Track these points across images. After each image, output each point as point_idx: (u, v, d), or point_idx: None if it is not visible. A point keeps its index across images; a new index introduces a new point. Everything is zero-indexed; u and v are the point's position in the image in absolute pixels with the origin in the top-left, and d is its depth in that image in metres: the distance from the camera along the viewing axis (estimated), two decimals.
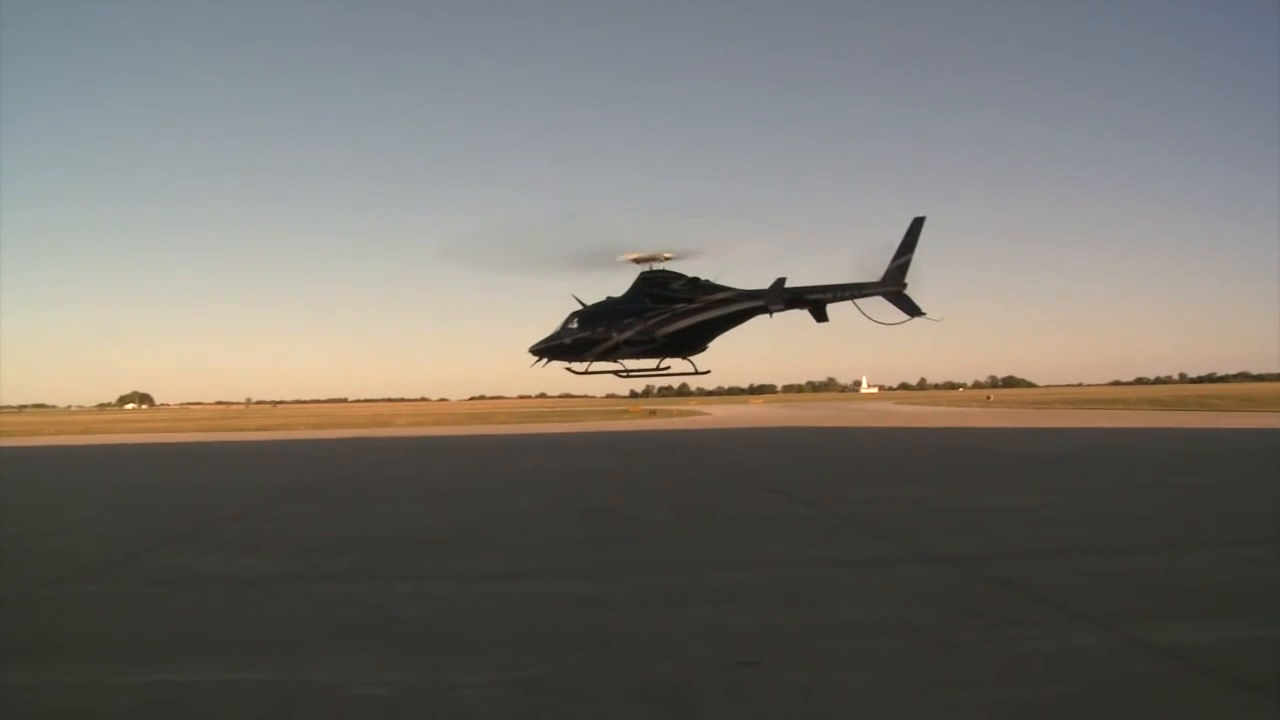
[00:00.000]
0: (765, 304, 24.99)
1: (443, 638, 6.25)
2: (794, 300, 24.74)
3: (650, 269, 25.95)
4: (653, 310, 25.60)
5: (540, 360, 27.03)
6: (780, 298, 24.70)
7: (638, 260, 25.84)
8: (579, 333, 26.21)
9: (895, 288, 23.68)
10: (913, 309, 23.68)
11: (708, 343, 26.28)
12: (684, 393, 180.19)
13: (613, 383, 27.74)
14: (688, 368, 27.26)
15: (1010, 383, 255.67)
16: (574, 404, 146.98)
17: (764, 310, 25.16)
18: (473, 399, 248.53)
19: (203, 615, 7.03)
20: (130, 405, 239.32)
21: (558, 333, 26.65)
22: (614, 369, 26.99)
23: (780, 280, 24.71)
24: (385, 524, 12.16)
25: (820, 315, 24.82)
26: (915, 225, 23.70)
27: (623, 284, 26.52)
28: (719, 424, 50.23)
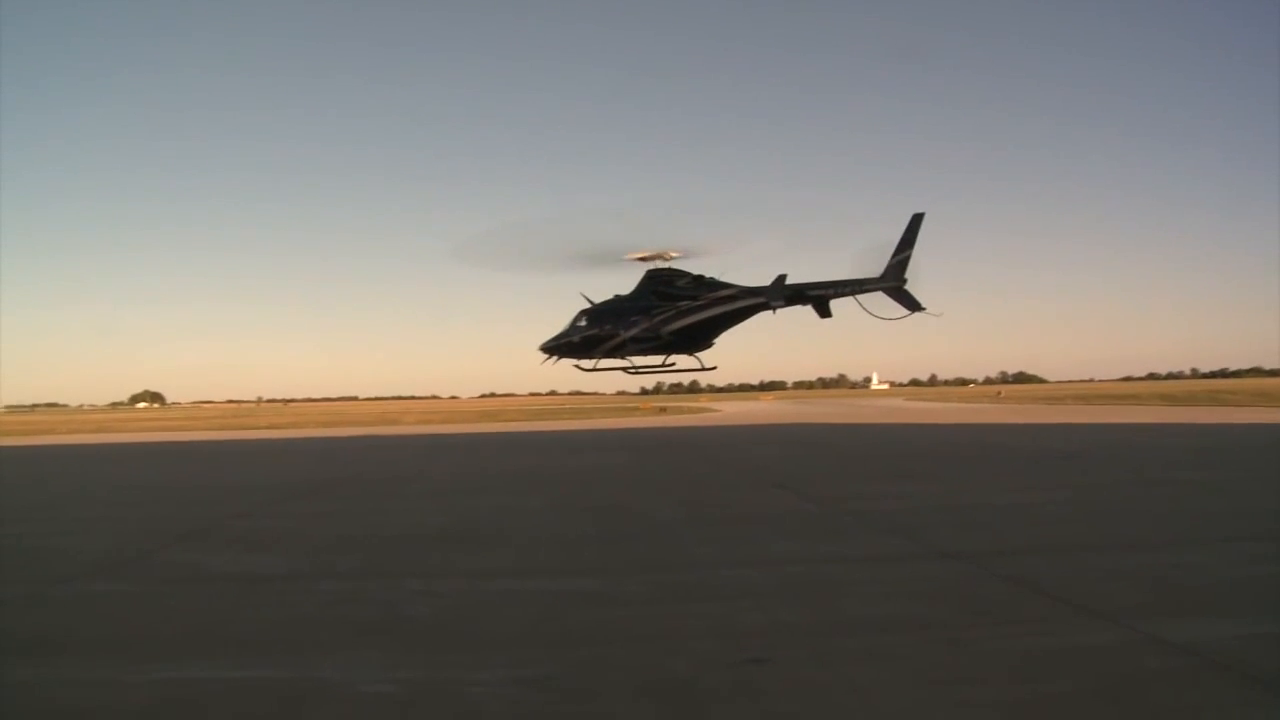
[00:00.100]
0: (767, 300, 25.05)
1: (452, 635, 6.26)
2: (795, 297, 24.82)
3: (656, 267, 26.05)
4: (659, 308, 25.68)
5: (550, 358, 27.19)
6: (781, 294, 24.76)
7: (643, 259, 25.95)
8: (587, 330, 26.33)
9: (895, 283, 23.70)
10: (913, 304, 23.71)
11: (713, 339, 26.37)
12: (694, 390, 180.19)
13: (623, 380, 27.89)
14: (695, 364, 27.38)
15: (1021, 378, 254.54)
16: (584, 401, 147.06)
17: (766, 307, 25.22)
18: (483, 396, 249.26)
19: (213, 613, 7.06)
20: (142, 404, 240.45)
21: (566, 331, 26.78)
22: (622, 366, 27.10)
23: (781, 277, 24.76)
24: (394, 521, 12.19)
25: (823, 311, 24.87)
26: (915, 221, 23.71)
27: (630, 282, 26.64)
28: (729, 421, 50.17)
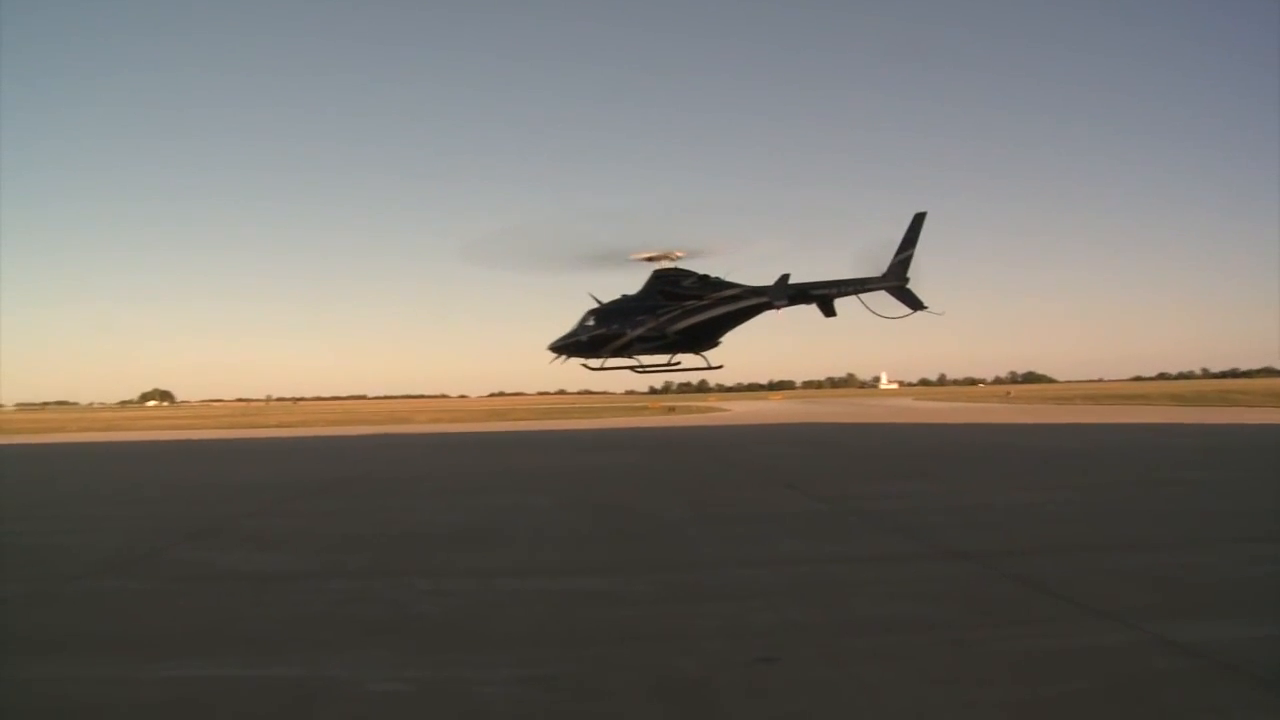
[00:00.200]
0: (770, 300, 25.11)
1: (461, 634, 6.28)
2: (799, 296, 24.90)
3: (663, 267, 26.14)
4: (665, 307, 25.78)
5: (558, 357, 27.30)
6: (785, 293, 24.86)
7: (650, 259, 26.05)
8: (595, 330, 26.43)
9: (898, 282, 23.77)
10: (915, 303, 23.79)
11: (718, 338, 26.46)
12: (703, 389, 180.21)
13: (631, 379, 28.07)
14: (701, 363, 27.46)
15: (1030, 378, 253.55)
16: (593, 400, 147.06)
17: (770, 306, 25.28)
18: (492, 396, 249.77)
19: (222, 611, 7.10)
20: (151, 402, 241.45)
21: (575, 330, 26.89)
22: (629, 365, 27.17)
23: (784, 276, 24.84)
24: (404, 520, 12.22)
25: (828, 310, 24.94)
26: (917, 220, 23.77)
27: (637, 282, 26.75)
28: (737, 420, 50.13)
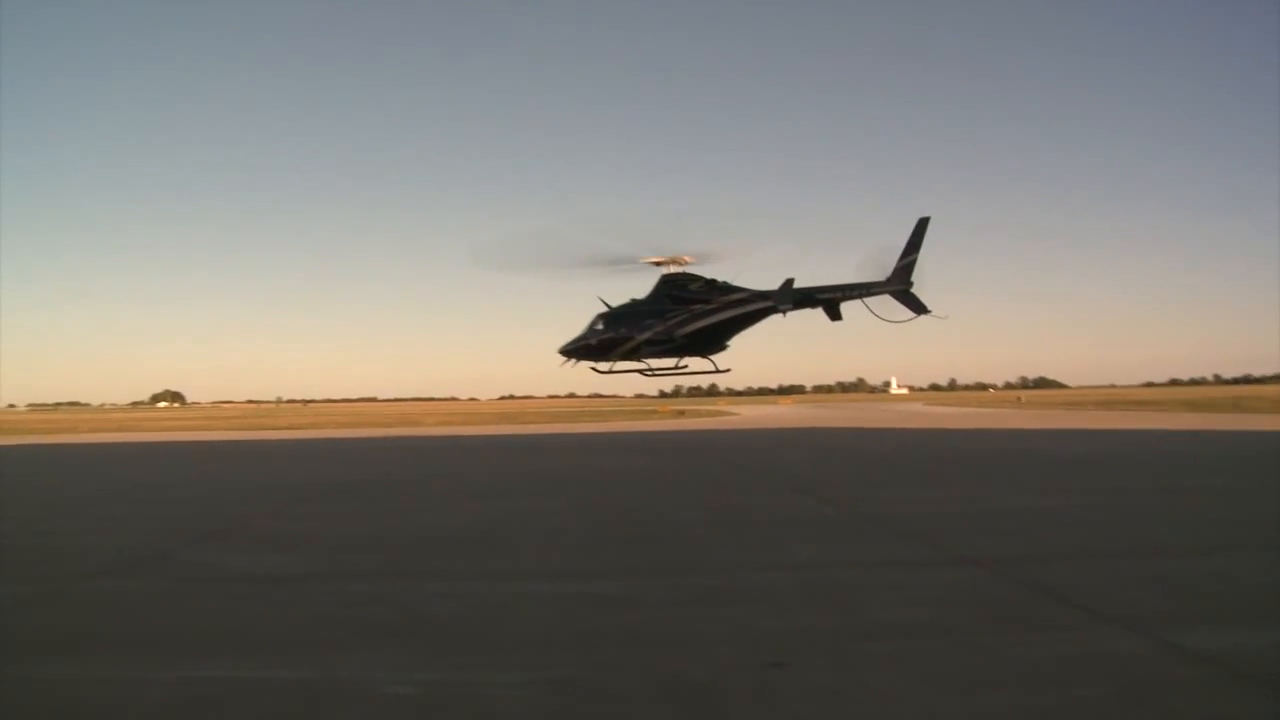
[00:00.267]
0: (775, 304, 25.16)
1: (472, 637, 6.27)
2: (804, 300, 24.95)
3: (671, 272, 26.21)
4: (673, 311, 25.86)
5: (568, 360, 27.37)
6: (790, 297, 24.93)
7: (659, 263, 26.12)
8: (604, 333, 26.51)
9: (902, 286, 23.80)
10: (919, 307, 23.84)
11: (726, 341, 26.51)
12: (713, 393, 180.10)
13: (641, 383, 28.11)
14: (709, 366, 27.52)
15: (1042, 384, 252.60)
16: (603, 404, 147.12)
17: (775, 310, 25.32)
18: (502, 399, 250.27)
19: (233, 613, 7.10)
20: (162, 403, 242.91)
21: (584, 334, 26.96)
22: (638, 368, 27.21)
23: (789, 281, 24.91)
24: (414, 523, 12.24)
25: (834, 314, 24.97)
26: (921, 225, 23.83)
27: (646, 286, 26.81)
28: (748, 424, 50.06)
